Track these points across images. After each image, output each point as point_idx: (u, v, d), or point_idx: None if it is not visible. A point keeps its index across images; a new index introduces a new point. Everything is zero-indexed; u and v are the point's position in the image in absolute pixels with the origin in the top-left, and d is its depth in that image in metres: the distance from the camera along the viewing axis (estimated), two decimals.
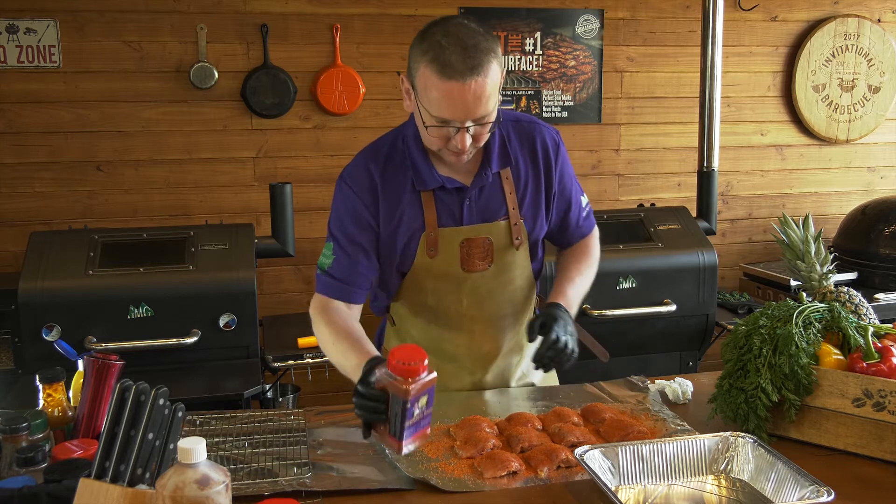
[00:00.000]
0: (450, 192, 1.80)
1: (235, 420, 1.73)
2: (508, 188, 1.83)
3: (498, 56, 1.64)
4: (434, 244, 1.79)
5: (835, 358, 1.61)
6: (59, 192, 3.43)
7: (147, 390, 1.20)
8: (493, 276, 1.85)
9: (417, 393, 1.34)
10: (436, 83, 1.60)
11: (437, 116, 1.63)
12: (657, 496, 1.42)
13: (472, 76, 1.58)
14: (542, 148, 1.87)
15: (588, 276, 1.99)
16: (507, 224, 1.83)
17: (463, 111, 1.61)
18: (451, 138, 1.65)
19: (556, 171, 1.90)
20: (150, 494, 1.14)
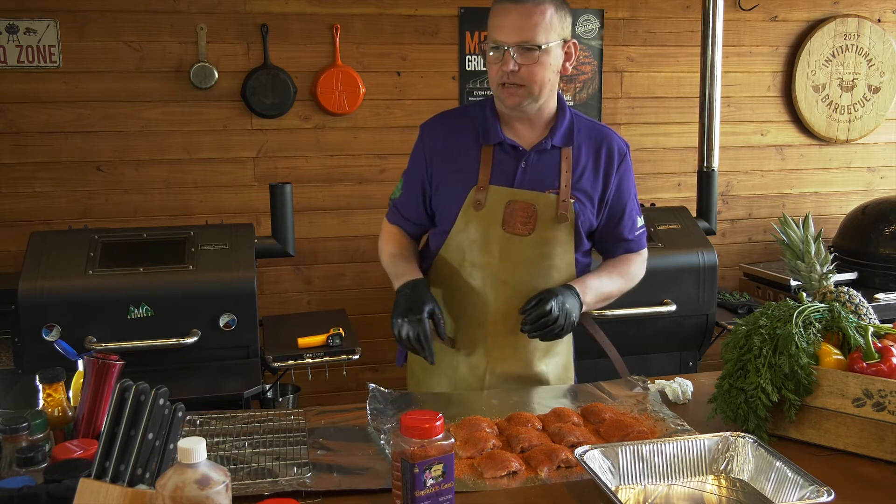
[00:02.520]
0: (508, 152, 1.92)
1: (235, 420, 1.73)
2: (566, 166, 1.93)
3: (558, 6, 1.83)
4: (482, 198, 1.90)
5: (835, 358, 1.61)
6: (59, 192, 3.43)
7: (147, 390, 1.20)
8: (531, 245, 1.92)
9: (428, 456, 1.23)
10: (495, 7, 1.84)
11: (490, 38, 1.83)
12: (657, 496, 1.42)
13: (523, 2, 1.80)
14: (608, 150, 1.98)
15: (618, 282, 2.05)
16: (556, 199, 1.91)
17: (509, 28, 1.80)
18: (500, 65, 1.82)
19: (616, 176, 1.99)
20: (150, 494, 1.14)
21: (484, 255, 1.93)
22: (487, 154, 1.92)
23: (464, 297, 1.96)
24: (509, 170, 1.92)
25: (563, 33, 1.86)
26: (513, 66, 1.81)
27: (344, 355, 2.87)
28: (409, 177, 2.02)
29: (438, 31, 3.66)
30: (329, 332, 2.97)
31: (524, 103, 1.88)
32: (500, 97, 1.89)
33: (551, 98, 1.95)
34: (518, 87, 1.85)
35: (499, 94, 1.89)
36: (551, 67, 1.85)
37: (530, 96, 1.87)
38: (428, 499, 1.25)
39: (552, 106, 1.96)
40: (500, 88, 1.87)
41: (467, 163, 1.93)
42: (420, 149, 2.00)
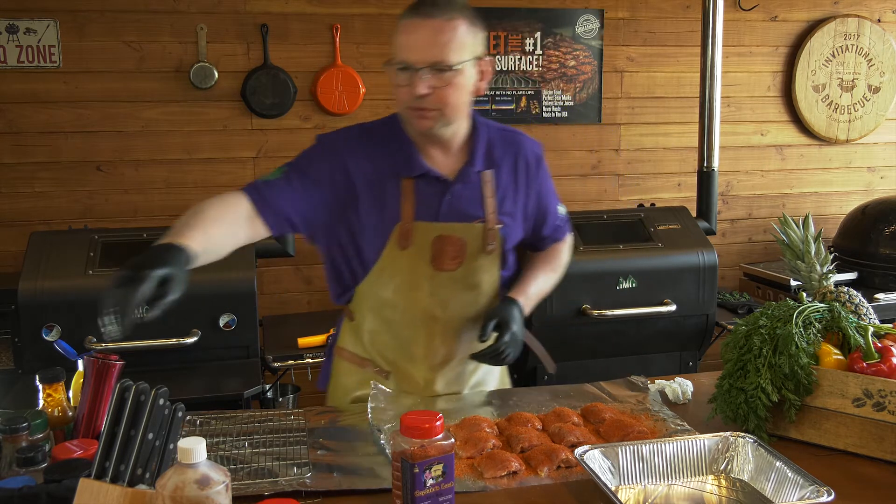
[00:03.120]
0: (431, 184, 1.78)
1: (235, 420, 1.73)
2: (489, 191, 1.83)
3: (473, 27, 1.69)
4: (408, 236, 1.77)
5: (835, 358, 1.61)
6: (59, 192, 3.43)
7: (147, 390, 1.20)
8: (460, 278, 1.83)
9: (428, 456, 1.24)
10: (402, 24, 1.68)
11: (397, 59, 1.68)
12: (657, 496, 1.42)
13: (432, 16, 1.65)
14: (525, 161, 1.89)
15: (552, 278, 2.03)
16: (483, 227, 1.82)
17: (418, 47, 1.65)
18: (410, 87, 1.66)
19: (536, 184, 1.91)
20: (150, 494, 1.14)
21: (412, 292, 1.82)
22: (409, 187, 1.77)
23: (392, 332, 1.87)
24: (433, 203, 1.78)
25: (476, 50, 1.71)
26: (424, 90, 1.66)
27: None
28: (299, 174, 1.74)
29: None
30: (329, 332, 2.96)
31: (436, 127, 1.73)
32: (410, 121, 1.74)
33: (465, 119, 1.81)
34: (429, 110, 1.70)
35: (408, 117, 1.74)
36: (465, 89, 1.71)
37: (442, 120, 1.72)
38: (428, 499, 1.25)
39: (466, 126, 1.83)
40: (410, 112, 1.71)
41: (390, 196, 1.77)
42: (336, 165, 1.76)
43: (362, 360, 1.92)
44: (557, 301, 3.10)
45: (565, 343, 3.18)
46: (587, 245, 3.20)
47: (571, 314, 3.12)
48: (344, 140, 1.80)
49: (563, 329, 3.15)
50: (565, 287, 3.10)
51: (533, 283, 1.95)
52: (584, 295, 3.13)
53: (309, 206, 1.74)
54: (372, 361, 1.90)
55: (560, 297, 3.11)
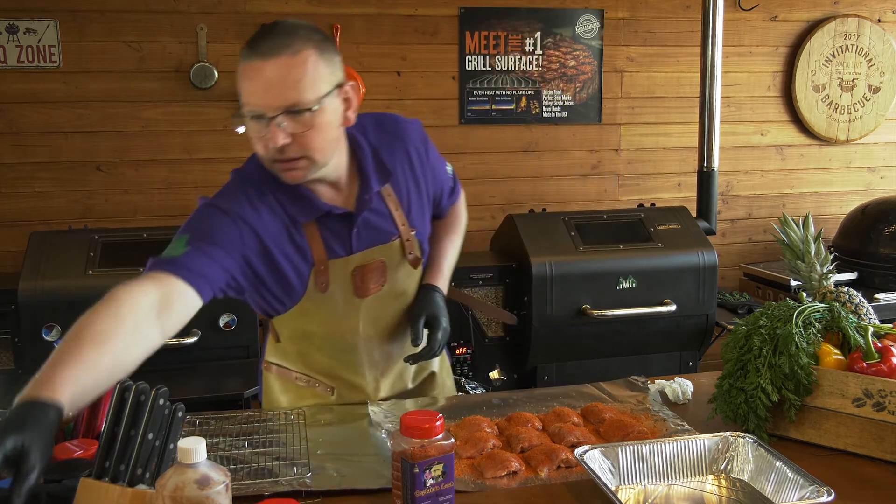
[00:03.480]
0: (335, 221, 1.66)
1: (235, 420, 1.73)
2: (393, 205, 1.73)
3: (323, 49, 1.51)
4: (325, 278, 1.67)
5: (835, 358, 1.60)
6: (59, 192, 3.43)
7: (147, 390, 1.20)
8: (387, 294, 1.77)
9: (428, 456, 1.24)
10: (242, 67, 1.51)
11: (245, 106, 1.51)
12: (657, 496, 1.42)
13: (276, 54, 1.47)
14: (415, 147, 1.78)
15: (458, 244, 1.98)
16: (400, 242, 1.75)
17: (267, 92, 1.47)
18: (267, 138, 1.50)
19: (429, 163, 1.82)
20: (150, 494, 1.14)
21: (340, 322, 1.75)
22: (313, 230, 1.64)
23: (325, 353, 1.81)
24: (343, 239, 1.68)
25: (335, 79, 1.53)
26: (283, 139, 1.49)
27: None
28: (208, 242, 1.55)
29: (438, 31, 3.66)
30: None
31: (309, 176, 1.57)
32: (279, 175, 1.58)
33: (342, 150, 1.65)
34: (295, 160, 1.53)
35: (275, 171, 1.57)
36: (331, 126, 1.54)
37: (314, 167, 1.56)
38: (428, 499, 1.25)
39: (346, 152, 1.67)
40: (276, 165, 1.55)
41: (297, 244, 1.65)
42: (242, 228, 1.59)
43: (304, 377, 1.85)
44: (557, 301, 3.11)
45: (565, 343, 3.18)
46: (587, 245, 3.20)
47: (571, 314, 3.12)
48: (237, 201, 1.61)
49: (563, 329, 3.15)
50: (565, 287, 3.12)
51: (444, 259, 1.89)
52: (584, 295, 3.13)
53: (229, 273, 1.58)
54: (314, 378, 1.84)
55: (560, 297, 3.11)
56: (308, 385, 1.84)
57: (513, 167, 3.86)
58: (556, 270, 3.10)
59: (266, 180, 1.64)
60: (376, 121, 1.78)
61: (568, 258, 3.14)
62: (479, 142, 3.80)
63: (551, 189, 3.92)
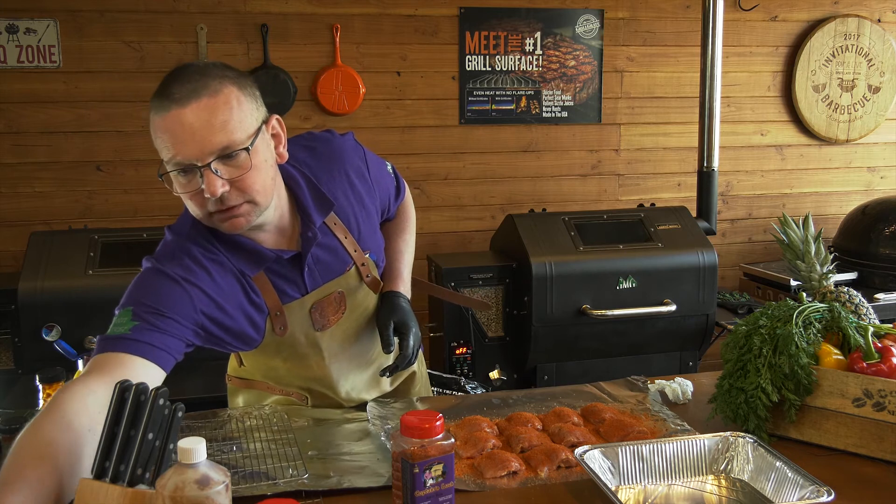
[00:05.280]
0: (283, 266, 1.58)
1: (216, 423, 1.72)
2: (342, 233, 1.65)
3: (243, 84, 1.41)
4: (282, 322, 1.61)
5: (835, 358, 1.60)
6: (59, 192, 3.43)
7: (147, 390, 1.20)
8: (348, 319, 1.71)
9: (428, 456, 1.24)
10: (158, 119, 1.38)
11: (173, 163, 1.37)
12: (657, 496, 1.42)
13: (195, 97, 1.34)
14: (353, 165, 1.68)
15: (412, 241, 1.92)
16: (355, 268, 1.68)
17: (192, 140, 1.34)
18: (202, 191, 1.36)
19: (371, 177, 1.73)
20: (150, 494, 1.14)
21: (308, 356, 1.71)
22: (262, 279, 1.56)
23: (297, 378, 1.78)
24: (295, 282, 1.60)
25: (260, 114, 1.43)
26: (222, 187, 1.36)
27: None
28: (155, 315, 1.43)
29: (438, 31, 3.66)
30: None
31: (253, 220, 1.45)
32: (220, 227, 1.45)
33: (280, 188, 1.53)
34: (237, 207, 1.41)
35: (215, 223, 1.44)
36: (267, 164, 1.43)
37: (257, 209, 1.44)
38: (428, 499, 1.25)
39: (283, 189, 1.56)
40: (216, 218, 1.42)
41: (249, 300, 1.56)
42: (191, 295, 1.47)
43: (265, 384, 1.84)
44: (557, 301, 3.11)
45: (565, 343, 3.18)
46: (587, 245, 3.20)
47: (571, 314, 3.12)
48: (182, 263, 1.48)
49: (563, 329, 3.15)
50: (565, 287, 3.11)
51: (402, 261, 1.84)
52: (584, 295, 3.13)
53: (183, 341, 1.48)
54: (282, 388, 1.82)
55: (560, 297, 3.11)
56: (282, 394, 1.83)
57: (513, 167, 3.86)
58: (556, 270, 3.10)
59: (207, 237, 1.52)
60: (308, 147, 1.65)
61: (568, 258, 3.14)
62: (479, 142, 3.80)
63: (551, 189, 3.92)
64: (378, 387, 1.88)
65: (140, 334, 1.39)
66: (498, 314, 3.25)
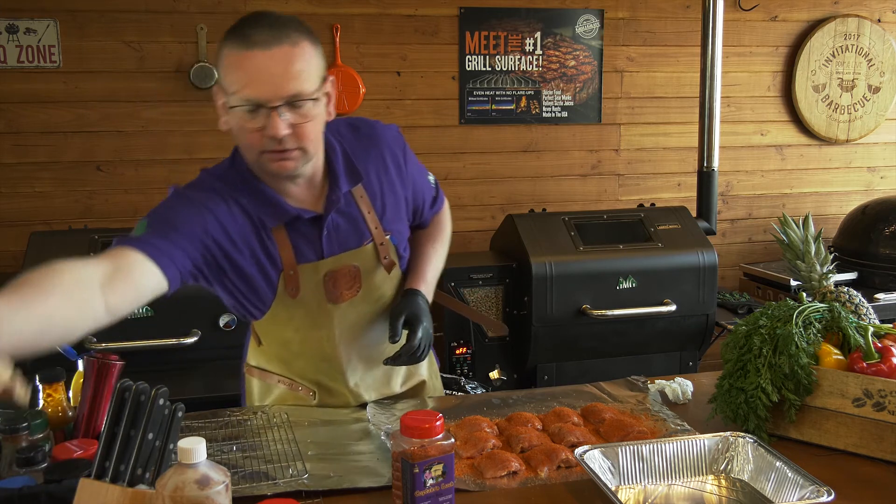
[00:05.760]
0: (304, 224, 1.64)
1: (217, 424, 1.72)
2: (366, 207, 1.70)
3: (314, 41, 1.52)
4: (295, 283, 1.64)
5: (835, 358, 1.61)
6: (59, 192, 3.43)
7: (147, 390, 1.20)
8: (362, 301, 1.73)
9: (428, 456, 1.24)
10: (237, 56, 1.47)
11: (243, 98, 1.46)
12: (657, 496, 1.42)
13: (277, 43, 1.46)
14: (391, 154, 1.75)
15: (443, 252, 1.93)
16: (373, 246, 1.71)
17: (271, 82, 1.45)
18: (264, 128, 1.47)
19: (408, 170, 1.79)
20: (150, 494, 1.14)
21: (317, 328, 1.72)
22: (282, 234, 1.62)
23: (305, 358, 1.79)
24: (313, 242, 1.65)
25: (323, 71, 1.54)
26: (285, 130, 1.48)
27: None
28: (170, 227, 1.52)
29: (438, 31, 3.66)
30: None
31: (299, 168, 1.56)
32: (267, 166, 1.54)
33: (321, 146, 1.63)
34: (290, 150, 1.52)
35: (265, 162, 1.53)
36: (321, 118, 1.56)
37: (304, 158, 1.55)
38: (428, 499, 1.26)
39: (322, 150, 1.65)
40: (268, 157, 1.52)
41: (265, 248, 1.62)
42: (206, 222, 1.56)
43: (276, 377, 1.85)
44: (557, 301, 3.11)
45: (565, 343, 3.18)
46: (587, 245, 3.20)
47: (571, 314, 3.12)
48: (205, 196, 1.59)
49: (563, 329, 3.15)
50: (565, 287, 3.11)
51: (428, 265, 1.84)
52: (584, 295, 3.13)
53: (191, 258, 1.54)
54: (295, 381, 1.83)
55: (560, 297, 3.11)
56: (290, 388, 1.83)
57: (513, 167, 3.86)
58: (556, 270, 3.10)
59: (236, 182, 1.62)
60: (351, 125, 1.76)
61: (568, 258, 3.14)
62: (479, 142, 3.80)
63: (551, 189, 3.92)
64: (388, 387, 1.86)
65: (150, 237, 1.48)
66: (498, 314, 3.25)
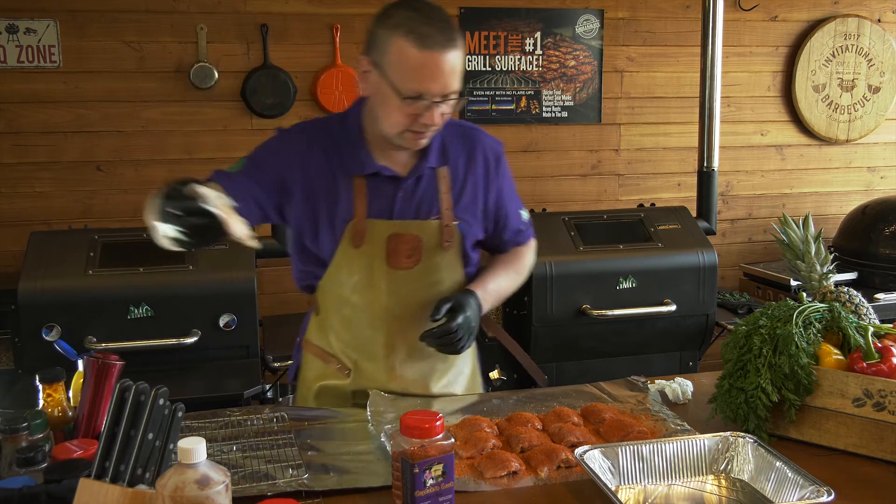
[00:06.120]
0: (384, 181, 1.76)
1: (216, 424, 1.72)
2: (444, 187, 1.81)
3: (460, 32, 1.71)
4: (361, 234, 1.76)
5: (835, 358, 1.61)
6: (59, 192, 3.43)
7: (147, 390, 1.20)
8: (418, 276, 1.80)
9: (428, 456, 1.24)
10: (414, 54, 1.59)
11: (412, 89, 1.61)
12: (657, 496, 1.42)
13: (450, 48, 1.61)
14: (483, 157, 1.86)
15: (513, 279, 1.97)
16: (439, 224, 1.79)
17: (440, 83, 1.62)
18: (419, 115, 1.64)
19: (495, 183, 1.88)
20: (150, 494, 1.14)
21: (369, 292, 1.80)
22: (361, 185, 1.75)
23: (353, 331, 1.85)
24: (387, 200, 1.77)
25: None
26: (439, 119, 1.66)
27: None
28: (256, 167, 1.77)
29: None
30: None
31: (425, 143, 1.75)
32: (405, 142, 1.71)
33: None
34: (429, 132, 1.70)
35: (403, 138, 1.70)
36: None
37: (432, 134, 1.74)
38: (428, 499, 1.26)
39: None
40: (409, 135, 1.69)
41: (340, 194, 1.76)
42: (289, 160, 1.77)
43: (327, 355, 1.90)
44: (557, 301, 3.10)
45: (565, 343, 3.18)
46: (587, 245, 3.19)
47: (571, 314, 3.12)
48: (301, 135, 1.80)
49: (563, 329, 3.14)
50: (565, 287, 3.11)
51: (492, 279, 1.90)
52: (584, 295, 3.12)
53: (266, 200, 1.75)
54: (336, 357, 1.88)
55: (560, 297, 3.11)
56: (328, 364, 1.88)
57: (513, 167, 3.81)
58: (556, 270, 3.10)
59: (337, 131, 1.79)
60: (461, 122, 1.91)
61: (568, 258, 3.13)
62: None
63: (551, 189, 3.92)
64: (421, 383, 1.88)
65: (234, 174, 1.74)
66: (498, 314, 3.25)
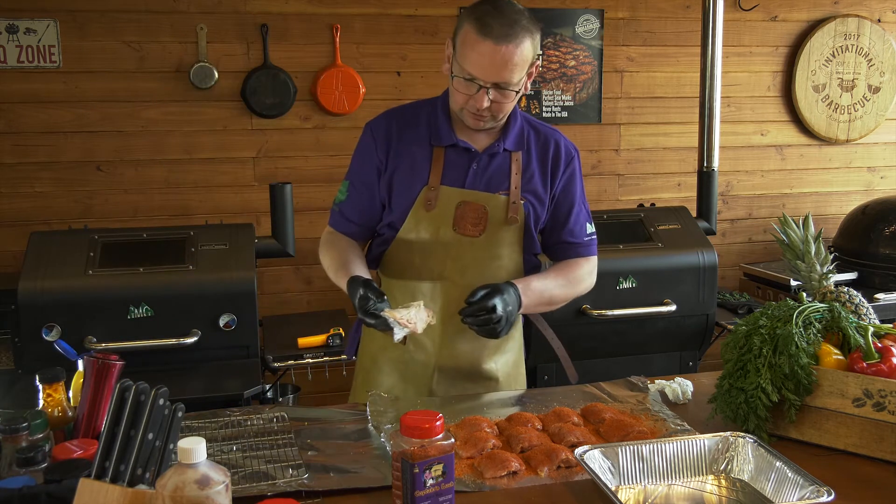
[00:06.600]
0: (460, 153, 1.91)
1: (216, 424, 1.72)
2: (515, 168, 1.93)
3: (535, 39, 1.79)
4: (433, 199, 1.89)
5: (835, 358, 1.61)
6: (59, 192, 3.43)
7: (147, 390, 1.20)
8: (481, 245, 1.91)
9: (428, 456, 1.25)
10: (473, 39, 1.74)
11: (466, 70, 1.77)
12: (657, 496, 1.42)
13: (505, 42, 1.72)
14: (555, 152, 1.97)
15: (563, 287, 1.99)
16: (507, 200, 1.91)
17: (490, 70, 1.75)
18: (472, 96, 1.79)
19: (562, 177, 1.98)
20: (150, 494, 1.14)
21: (434, 255, 1.91)
22: (439, 154, 1.91)
23: (412, 296, 1.91)
24: (460, 171, 1.91)
25: (534, 57, 1.82)
26: (486, 104, 1.79)
27: (344, 355, 2.87)
28: (355, 177, 1.98)
29: (438, 31, 3.66)
30: (329, 332, 2.97)
31: (486, 126, 1.88)
32: (464, 119, 1.88)
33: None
34: (485, 115, 1.84)
35: (462, 115, 1.87)
36: (517, 94, 1.84)
37: (493, 121, 1.87)
38: (428, 499, 1.26)
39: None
40: (465, 112, 1.85)
41: (418, 162, 1.91)
42: (370, 147, 1.95)
43: None
44: None
45: (565, 343, 3.17)
46: None
47: (571, 314, 3.12)
48: (381, 120, 1.97)
49: (563, 329, 3.13)
50: None
51: (538, 279, 1.95)
52: (584, 295, 3.12)
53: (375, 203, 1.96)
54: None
55: None
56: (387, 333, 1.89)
57: None
58: None
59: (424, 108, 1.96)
60: (543, 122, 2.04)
61: None
62: None
63: None
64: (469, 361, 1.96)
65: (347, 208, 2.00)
66: None
